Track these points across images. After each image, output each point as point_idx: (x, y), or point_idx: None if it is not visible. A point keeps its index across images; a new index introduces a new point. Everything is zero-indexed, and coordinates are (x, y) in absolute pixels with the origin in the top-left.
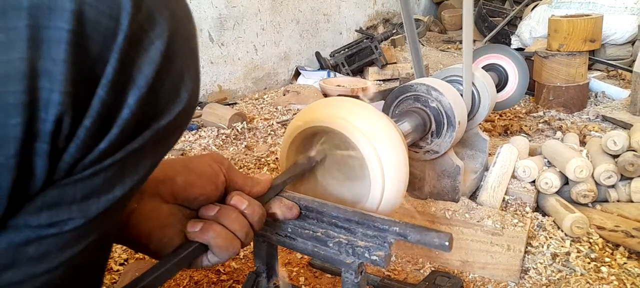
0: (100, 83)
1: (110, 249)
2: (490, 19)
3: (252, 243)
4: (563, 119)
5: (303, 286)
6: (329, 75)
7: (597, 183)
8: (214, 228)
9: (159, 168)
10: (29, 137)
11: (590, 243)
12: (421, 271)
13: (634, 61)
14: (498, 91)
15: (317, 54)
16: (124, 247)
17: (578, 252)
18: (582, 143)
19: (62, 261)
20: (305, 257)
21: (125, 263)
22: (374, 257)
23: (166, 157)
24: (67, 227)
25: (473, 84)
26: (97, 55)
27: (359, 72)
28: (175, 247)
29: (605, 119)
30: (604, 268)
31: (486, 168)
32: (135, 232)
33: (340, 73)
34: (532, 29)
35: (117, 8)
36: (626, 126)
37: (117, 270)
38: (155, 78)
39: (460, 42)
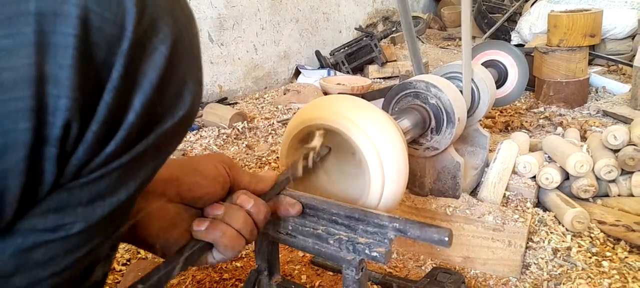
0: (106, 88)
1: (115, 249)
2: (490, 15)
3: (254, 242)
4: (564, 115)
5: (305, 284)
6: (329, 74)
7: (597, 178)
8: (219, 227)
9: (165, 169)
10: (37, 142)
11: (591, 237)
12: (423, 268)
13: (634, 56)
14: (498, 87)
15: (317, 53)
16: (127, 247)
17: (579, 246)
18: (583, 138)
19: (68, 264)
20: (307, 254)
21: (128, 263)
22: (375, 254)
23: (171, 157)
24: (73, 230)
25: (473, 80)
26: (102, 60)
27: (359, 70)
28: (181, 246)
29: (606, 114)
30: (605, 263)
31: (487, 165)
32: (143, 232)
33: (340, 71)
34: (531, 24)
35: (121, 15)
36: (627, 121)
37: (120, 270)
38: (159, 82)
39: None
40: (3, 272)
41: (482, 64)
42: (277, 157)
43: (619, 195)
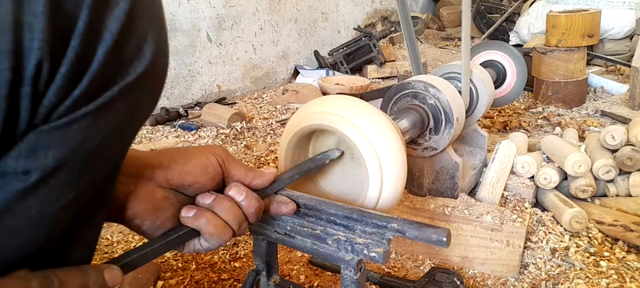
0: (74, 35)
1: (99, 226)
2: (489, 15)
3: (252, 242)
4: (562, 115)
5: (304, 284)
6: (327, 74)
7: (595, 178)
8: (206, 215)
9: (154, 156)
10: (16, 80)
11: (589, 237)
12: (421, 267)
13: (632, 56)
14: (496, 87)
15: (316, 53)
16: (123, 245)
17: (577, 246)
18: (581, 138)
19: (44, 215)
20: (306, 254)
21: None
22: (373, 254)
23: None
24: (43, 175)
25: (471, 80)
26: (70, 11)
27: (358, 70)
28: (167, 230)
29: (604, 114)
30: (603, 263)
31: (485, 165)
32: (130, 212)
33: (338, 71)
34: (530, 24)
35: None
36: (625, 121)
37: None
38: (119, 34)
39: (459, 39)
40: None
41: (480, 64)
42: (276, 157)
43: (617, 195)
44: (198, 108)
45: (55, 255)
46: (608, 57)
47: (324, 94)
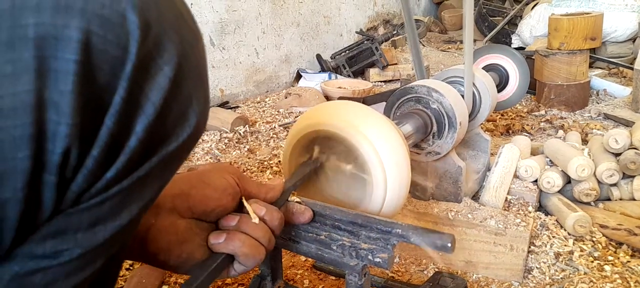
0: (108, 113)
1: (120, 267)
2: (491, 18)
3: None
4: (565, 118)
5: None
6: (330, 78)
7: (599, 182)
8: (238, 237)
9: (173, 184)
10: (36, 169)
11: (593, 241)
12: (425, 272)
13: (635, 58)
14: (499, 91)
15: (318, 57)
16: None
17: (581, 250)
18: (584, 141)
19: None
20: (310, 259)
21: (131, 268)
22: (378, 259)
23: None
24: (73, 255)
25: (474, 84)
26: (104, 84)
27: (360, 73)
28: (199, 261)
29: (607, 116)
30: (607, 267)
31: (488, 169)
32: (153, 247)
33: (341, 75)
34: (532, 27)
35: (125, 36)
36: (628, 124)
37: (123, 275)
38: (163, 105)
39: (461, 42)
40: None
41: (483, 68)
42: (279, 161)
43: (620, 199)
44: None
45: None
46: (611, 59)
47: (327, 97)
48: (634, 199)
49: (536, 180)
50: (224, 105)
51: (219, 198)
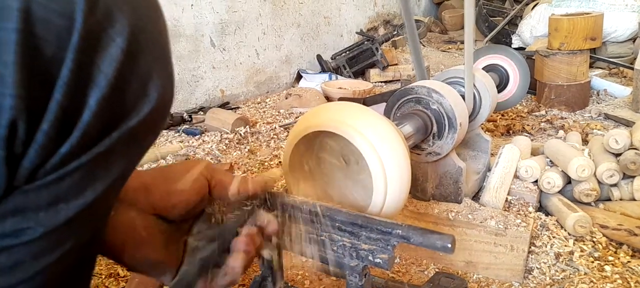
0: (57, 85)
1: (94, 258)
2: (491, 18)
3: None
4: (565, 118)
5: None
6: (330, 78)
7: (599, 182)
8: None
9: (135, 177)
10: None
11: (593, 242)
12: (425, 272)
13: (635, 58)
14: (499, 91)
15: (319, 57)
16: None
17: (581, 251)
18: (585, 141)
19: (37, 270)
20: (310, 260)
21: None
22: (378, 260)
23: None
24: (36, 234)
25: (474, 85)
26: (51, 57)
27: (361, 74)
28: (153, 262)
29: (607, 116)
30: (607, 267)
31: (488, 169)
32: (108, 241)
33: (341, 75)
34: (532, 28)
35: (69, 5)
36: (628, 124)
37: (124, 276)
38: (117, 76)
39: (461, 42)
40: None
41: (483, 68)
42: (280, 162)
43: (621, 199)
44: (202, 113)
45: None
46: (611, 59)
47: (327, 98)
48: (634, 199)
49: (536, 181)
50: (224, 105)
51: (182, 193)
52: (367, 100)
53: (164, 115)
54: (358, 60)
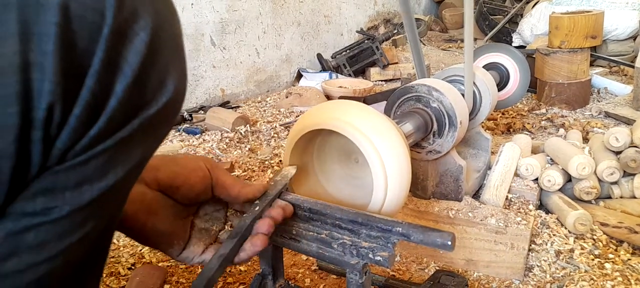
0: (88, 73)
1: (107, 251)
2: (491, 17)
3: None
4: (566, 116)
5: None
6: (330, 77)
7: (599, 180)
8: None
9: None
10: (25, 125)
11: (593, 240)
12: (426, 270)
13: (635, 57)
14: (499, 89)
15: (319, 56)
16: (132, 251)
17: (582, 248)
18: (585, 139)
19: (60, 250)
20: (311, 258)
21: (133, 267)
22: (378, 258)
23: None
24: (62, 212)
25: (474, 83)
26: (84, 47)
27: (361, 73)
28: (161, 232)
29: (608, 115)
30: (607, 265)
31: (489, 167)
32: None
33: (342, 74)
34: (533, 26)
35: (101, 3)
36: (629, 122)
37: (125, 275)
38: (140, 68)
39: (462, 40)
40: None
41: (483, 67)
42: (280, 161)
43: (621, 197)
44: (202, 112)
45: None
46: (611, 58)
47: (327, 96)
48: (635, 197)
49: (537, 179)
50: (225, 104)
51: (187, 176)
52: (367, 99)
53: (178, 108)
54: (358, 58)
